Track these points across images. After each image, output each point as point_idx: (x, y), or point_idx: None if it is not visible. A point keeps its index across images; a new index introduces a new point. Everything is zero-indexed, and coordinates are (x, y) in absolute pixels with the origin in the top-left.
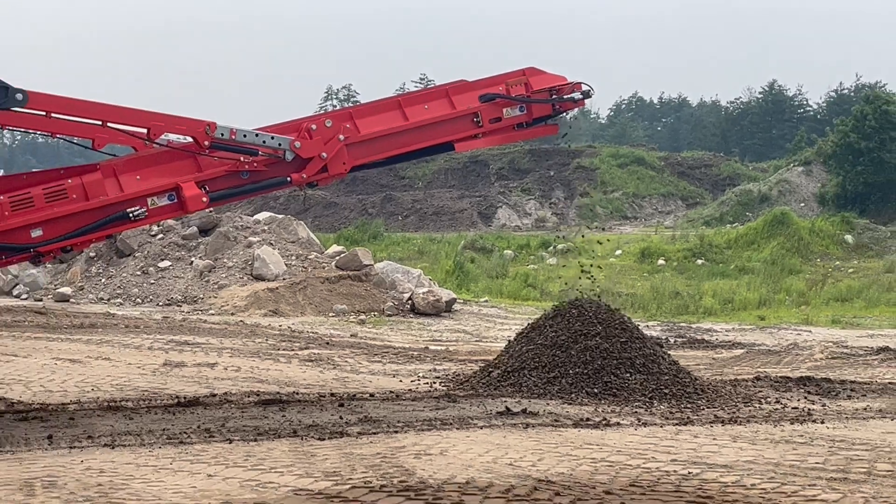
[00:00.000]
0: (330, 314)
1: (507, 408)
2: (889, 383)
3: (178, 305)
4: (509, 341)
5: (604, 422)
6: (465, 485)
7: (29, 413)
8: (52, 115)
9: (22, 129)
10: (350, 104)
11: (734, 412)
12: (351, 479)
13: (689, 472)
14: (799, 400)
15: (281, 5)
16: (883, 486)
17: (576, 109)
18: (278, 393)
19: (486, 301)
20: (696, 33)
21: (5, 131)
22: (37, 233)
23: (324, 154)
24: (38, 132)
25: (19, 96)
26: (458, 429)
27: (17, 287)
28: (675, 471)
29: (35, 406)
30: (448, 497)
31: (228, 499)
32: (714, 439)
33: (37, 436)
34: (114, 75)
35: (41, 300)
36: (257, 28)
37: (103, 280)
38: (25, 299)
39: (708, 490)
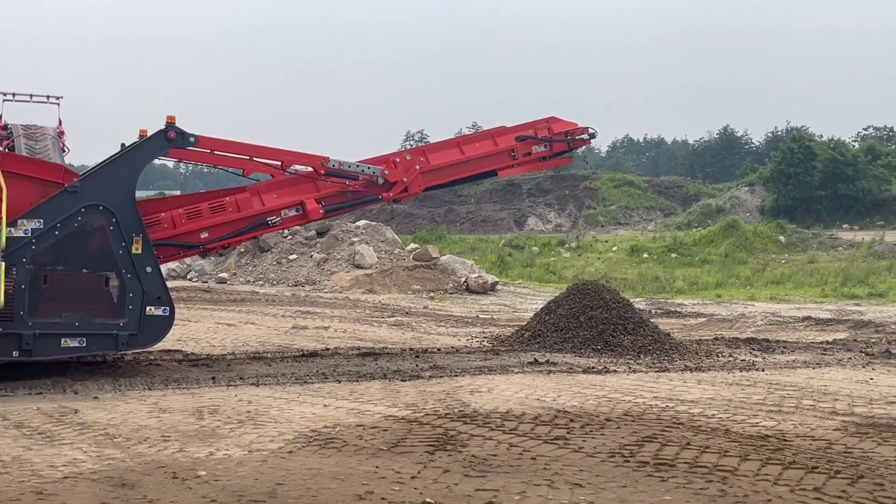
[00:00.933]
0: (409, 292)
1: (535, 359)
2: (811, 343)
3: (301, 286)
4: (536, 312)
5: (604, 369)
6: (506, 413)
7: (198, 361)
8: (214, 152)
9: (193, 162)
10: (422, 143)
11: (699, 363)
12: (424, 408)
13: (667, 406)
14: (746, 354)
15: (374, 58)
16: (806, 416)
17: (584, 147)
18: (372, 348)
19: (520, 283)
20: (670, 88)
21: (182, 164)
22: (204, 235)
23: (405, 179)
24: (205, 164)
25: (192, 139)
26: (500, 374)
27: (190, 273)
28: (656, 404)
29: (202, 356)
30: (493, 422)
31: (338, 421)
32: (684, 382)
33: (204, 377)
34: (260, 121)
35: (206, 282)
36: (352, 77)
37: (250, 268)
38: (195, 281)
39: (680, 418)
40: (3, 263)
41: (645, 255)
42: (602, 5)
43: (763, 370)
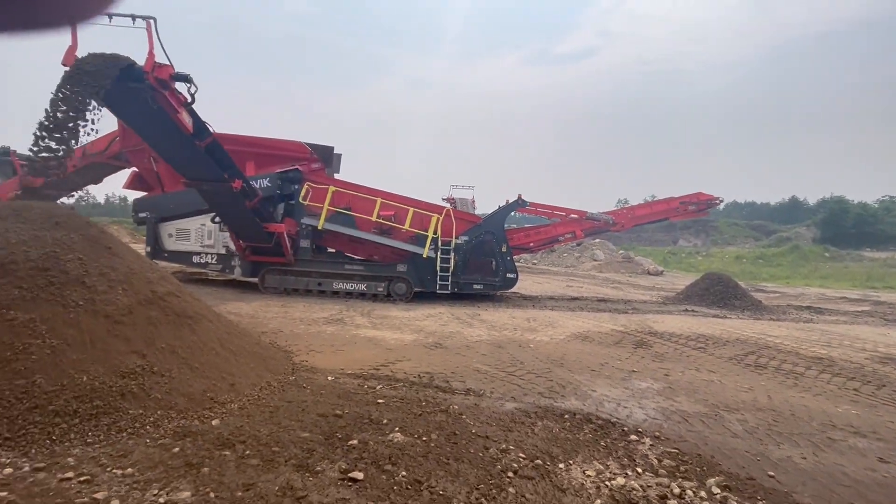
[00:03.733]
0: (619, 272)
1: (686, 309)
2: (846, 311)
3: (567, 267)
4: (686, 286)
5: (724, 316)
6: (672, 333)
7: (527, 297)
8: (538, 209)
9: (527, 214)
10: (625, 205)
11: (778, 317)
12: (630, 327)
13: (760, 337)
14: (805, 314)
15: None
16: (846, 350)
17: (715, 206)
18: (603, 298)
19: (675, 272)
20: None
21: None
22: (531, 244)
23: (623, 223)
24: (530, 214)
25: (527, 203)
26: (668, 315)
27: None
28: (753, 336)
29: (529, 295)
30: (665, 336)
31: (589, 329)
32: (770, 326)
33: (529, 304)
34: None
35: (527, 265)
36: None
37: (547, 258)
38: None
39: (769, 343)
40: (454, 254)
41: (744, 260)
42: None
43: (817, 323)
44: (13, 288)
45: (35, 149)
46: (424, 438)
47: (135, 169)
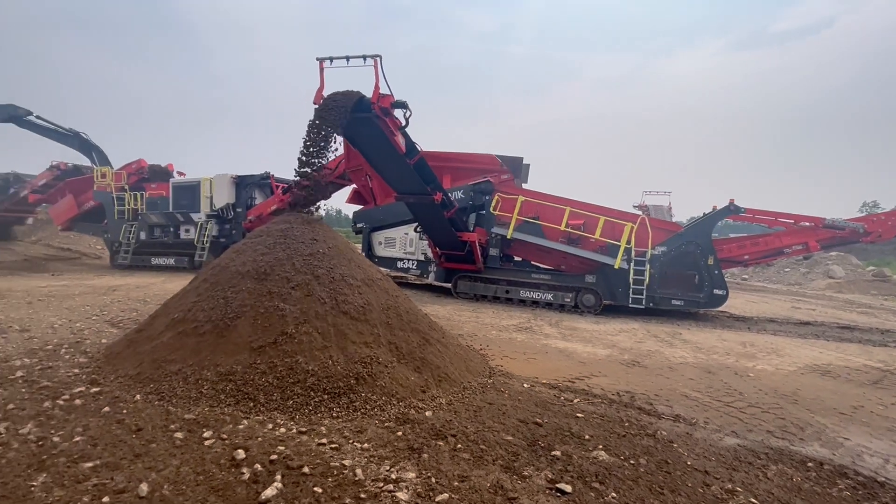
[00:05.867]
0: (867, 294)
1: None
2: None
3: (791, 286)
4: None
5: None
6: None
7: (739, 318)
8: (756, 215)
9: (740, 222)
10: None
11: None
12: (892, 364)
13: None
14: None
15: None
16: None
17: None
18: (847, 324)
19: None
20: None
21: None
22: (745, 257)
23: (881, 231)
24: (746, 222)
25: (742, 210)
26: None
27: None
28: None
29: (740, 316)
30: None
31: (830, 363)
32: None
33: (742, 325)
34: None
35: (737, 280)
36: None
37: (761, 273)
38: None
39: None
40: (649, 266)
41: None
42: None
43: None
44: (282, 289)
45: (298, 172)
46: (632, 462)
47: (354, 186)
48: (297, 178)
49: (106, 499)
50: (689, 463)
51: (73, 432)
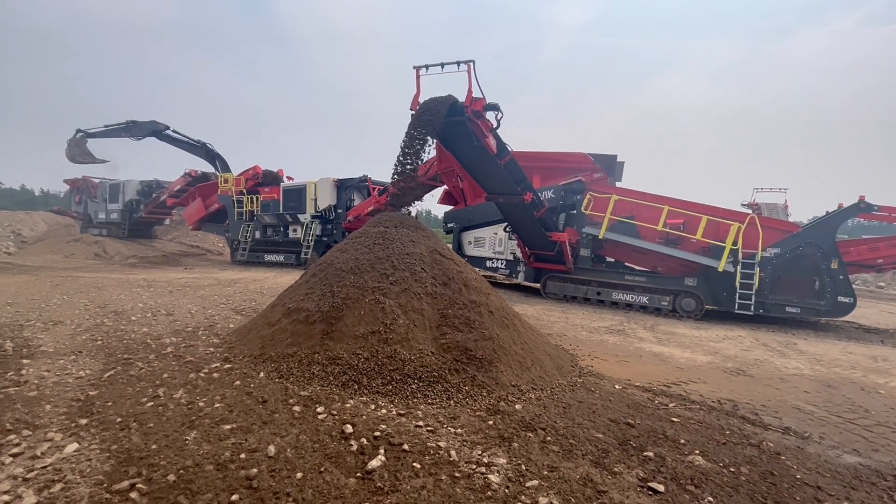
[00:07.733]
0: None
1: None
2: None
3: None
4: None
5: None
6: None
7: (869, 329)
8: (893, 214)
9: (873, 221)
10: None
11: None
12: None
13: None
14: None
15: None
16: None
17: None
18: None
19: None
20: None
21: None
22: (879, 260)
23: None
24: (880, 221)
25: (876, 209)
26: None
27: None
28: None
29: (871, 328)
30: None
31: None
32: None
33: (875, 339)
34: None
35: (871, 288)
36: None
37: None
38: (867, 286)
39: None
40: (759, 269)
41: None
42: None
43: None
44: (382, 284)
45: (396, 174)
46: (732, 469)
47: (445, 187)
48: (394, 179)
49: (243, 455)
50: (798, 476)
51: (213, 399)
